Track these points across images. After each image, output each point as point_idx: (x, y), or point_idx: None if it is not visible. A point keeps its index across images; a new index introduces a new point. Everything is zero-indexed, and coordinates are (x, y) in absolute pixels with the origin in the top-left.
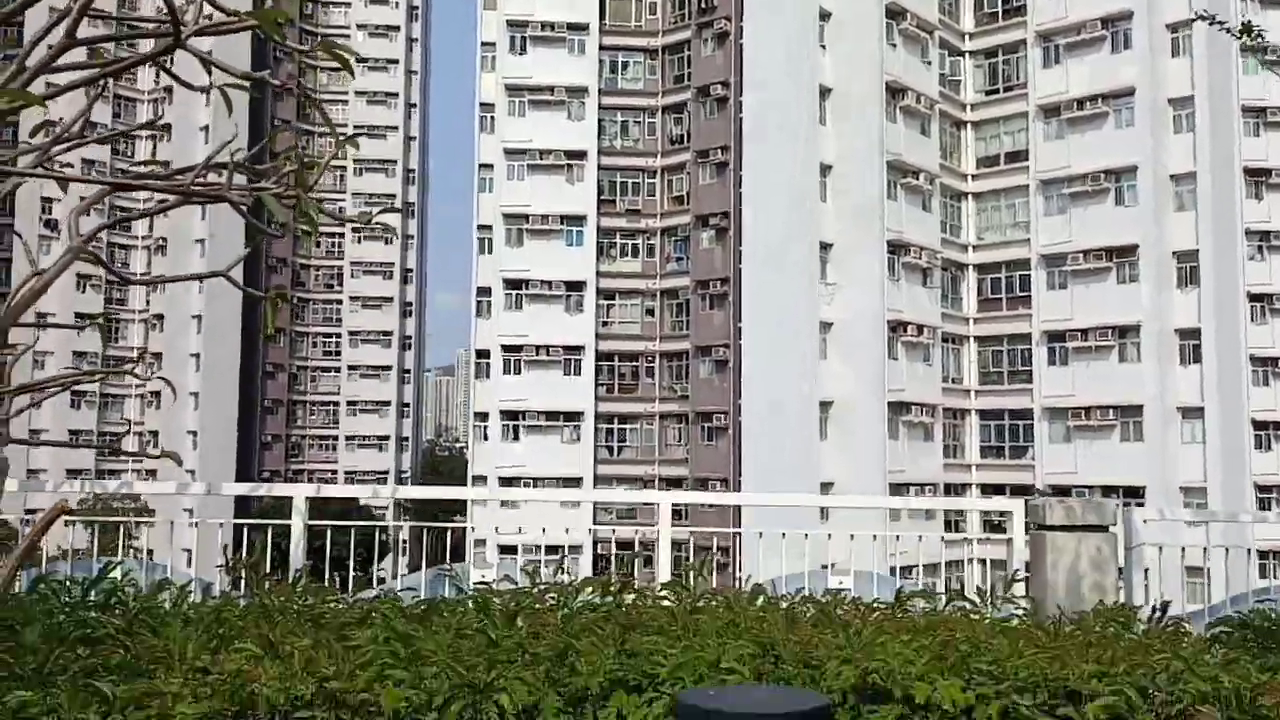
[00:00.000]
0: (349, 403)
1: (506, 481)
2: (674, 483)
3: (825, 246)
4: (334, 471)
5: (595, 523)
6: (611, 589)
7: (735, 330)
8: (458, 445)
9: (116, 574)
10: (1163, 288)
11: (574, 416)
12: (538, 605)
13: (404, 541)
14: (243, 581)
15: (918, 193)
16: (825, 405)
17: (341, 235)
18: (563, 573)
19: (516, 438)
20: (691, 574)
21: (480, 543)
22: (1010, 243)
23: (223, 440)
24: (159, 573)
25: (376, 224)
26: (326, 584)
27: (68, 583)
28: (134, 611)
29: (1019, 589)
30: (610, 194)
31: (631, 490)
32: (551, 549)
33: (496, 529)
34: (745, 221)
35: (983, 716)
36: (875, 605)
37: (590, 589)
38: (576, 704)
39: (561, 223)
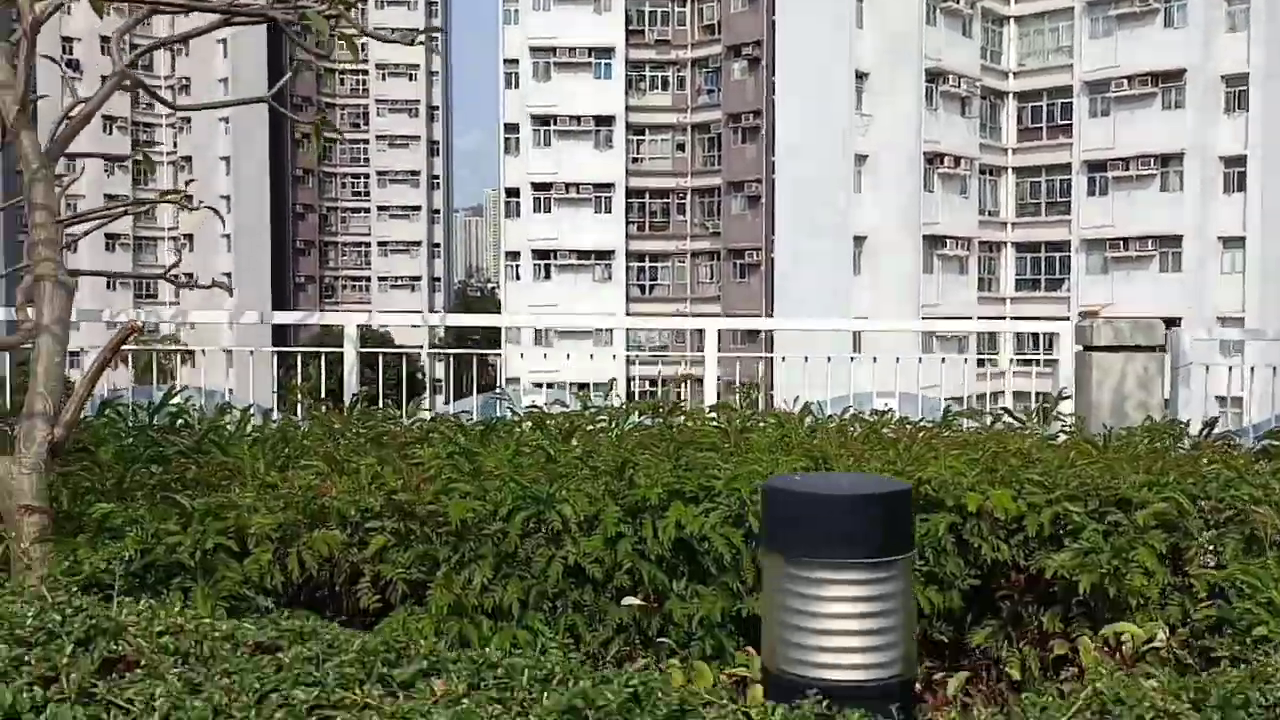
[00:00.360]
0: (380, 243)
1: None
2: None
3: (861, 76)
4: (367, 312)
5: (629, 363)
6: (661, 410)
7: (768, 164)
8: (489, 285)
9: (178, 400)
10: (1209, 113)
11: (605, 255)
12: (590, 426)
13: (437, 381)
14: (299, 407)
15: (957, 16)
16: (859, 240)
17: (366, 73)
18: (610, 398)
19: (548, 277)
20: (739, 396)
21: (513, 381)
22: (1052, 69)
23: (257, 282)
24: (215, 399)
25: (403, 62)
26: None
27: (133, 408)
28: (202, 433)
29: (1066, 407)
30: (639, 24)
31: (677, 317)
32: (583, 387)
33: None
34: (778, 51)
35: (1034, 524)
36: (921, 425)
37: (639, 411)
38: (635, 515)
39: (589, 55)
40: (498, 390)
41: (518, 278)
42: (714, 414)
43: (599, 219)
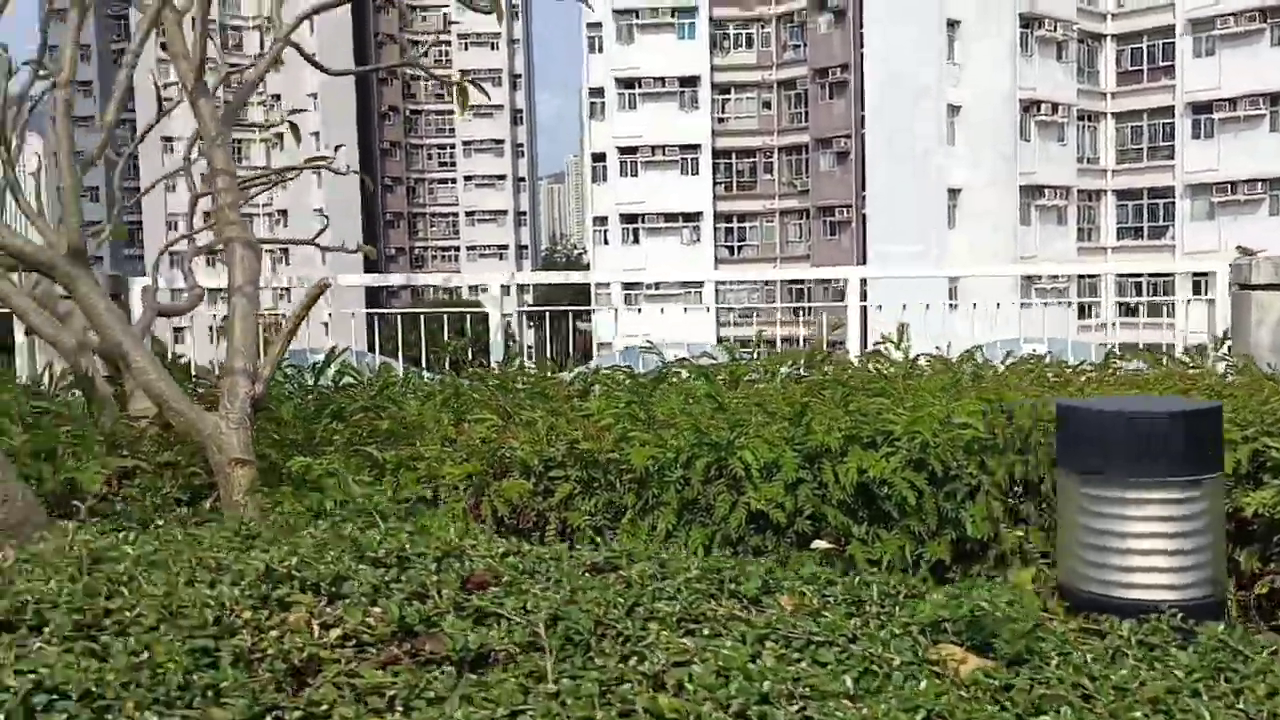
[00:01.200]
0: (467, 213)
1: (628, 285)
2: (794, 280)
3: (952, 24)
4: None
5: (719, 325)
6: (816, 359)
7: (858, 119)
8: (576, 251)
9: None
10: None
11: (693, 217)
12: (748, 376)
13: (529, 347)
14: (448, 364)
15: None
16: (953, 193)
17: (448, 44)
18: (759, 348)
19: (636, 240)
20: (894, 341)
21: (605, 345)
22: (1153, 8)
23: (349, 255)
24: (363, 360)
25: (485, 31)
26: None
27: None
28: (377, 389)
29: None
30: None
31: (821, 268)
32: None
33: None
34: (866, 2)
35: (1231, 461)
36: (1080, 369)
37: (790, 361)
38: (812, 460)
39: (673, 15)
40: (644, 344)
41: (605, 242)
42: (869, 361)
43: (686, 180)
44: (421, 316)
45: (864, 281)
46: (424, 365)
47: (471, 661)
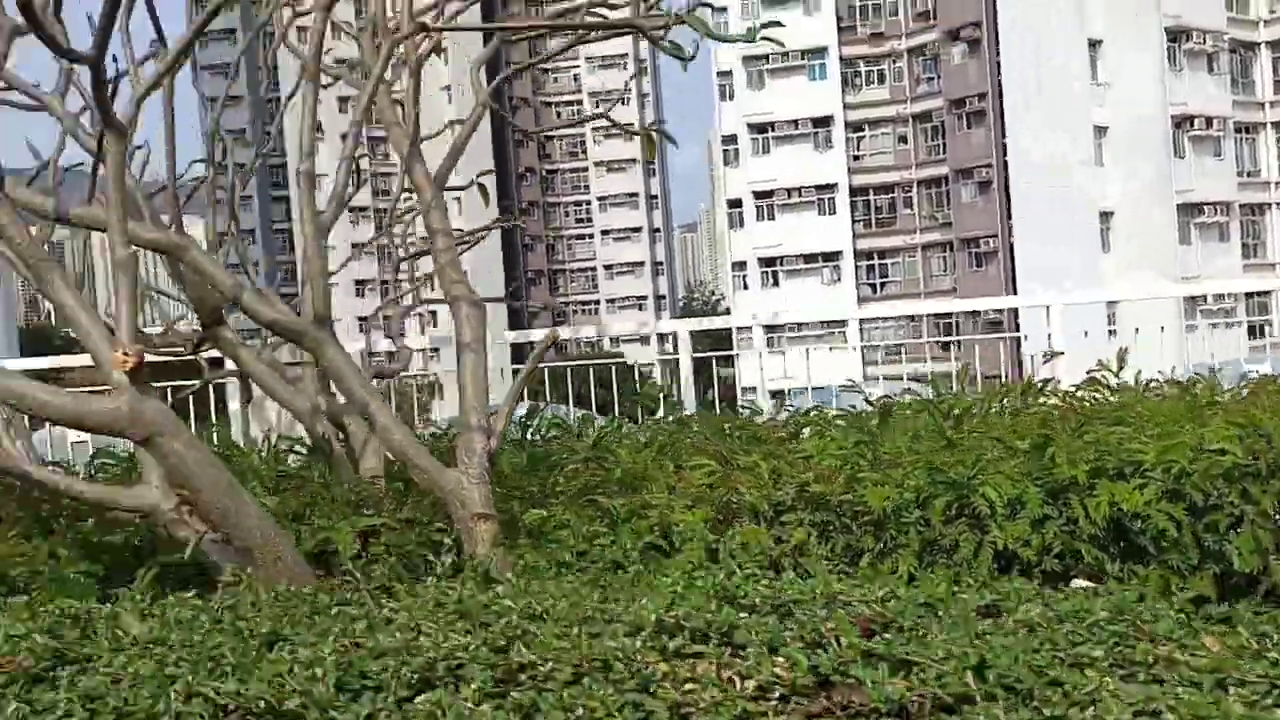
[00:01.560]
0: (605, 266)
1: (770, 329)
2: (942, 314)
3: (1094, 44)
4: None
5: (865, 363)
6: (1030, 389)
7: (999, 147)
8: (714, 298)
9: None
10: None
11: (832, 256)
12: (967, 411)
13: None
14: (639, 415)
15: None
16: (1105, 215)
17: (579, 102)
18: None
19: (776, 283)
20: (1113, 368)
21: (749, 389)
22: None
23: (493, 310)
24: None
25: (615, 88)
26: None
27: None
28: (594, 440)
29: None
30: (850, 20)
31: (1007, 297)
32: (819, 389)
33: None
34: (1001, 28)
35: None
36: None
37: (995, 395)
38: (1056, 495)
39: (803, 57)
40: (848, 382)
41: (745, 287)
42: (1081, 390)
43: (823, 220)
44: (595, 368)
45: (1016, 312)
46: (596, 414)
47: (895, 712)
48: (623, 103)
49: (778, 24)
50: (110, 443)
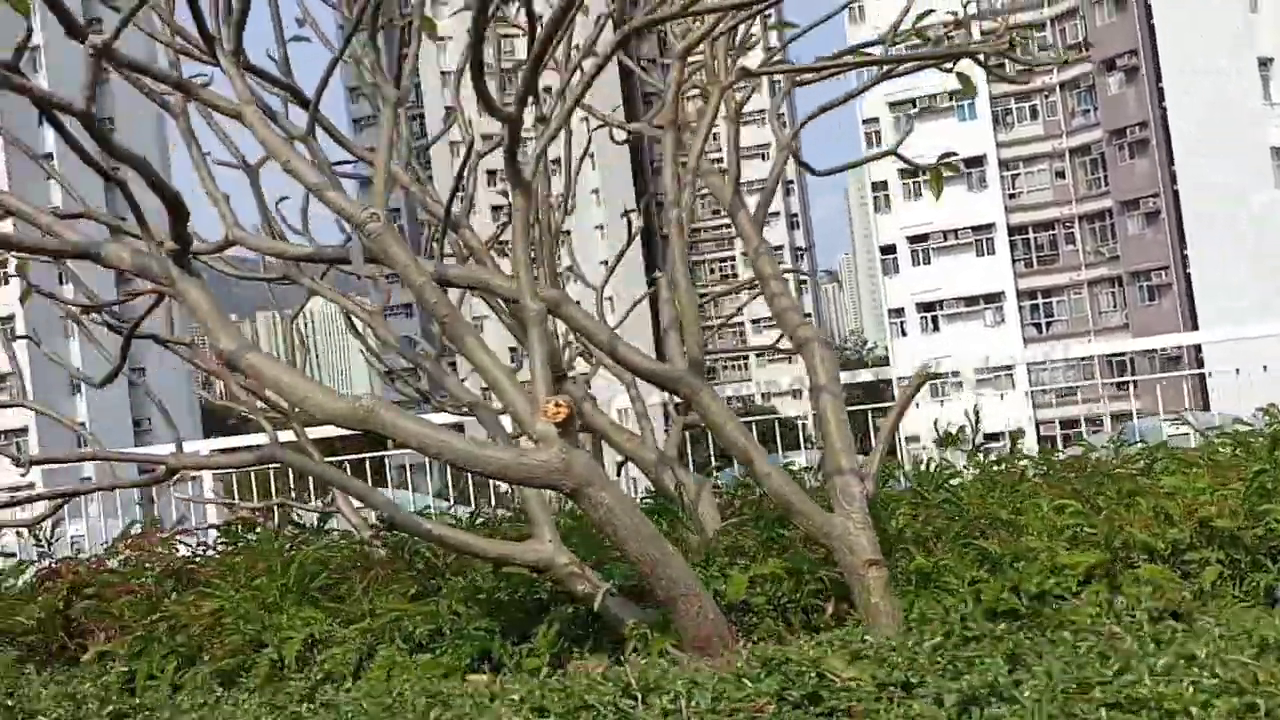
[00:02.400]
0: (752, 321)
1: (933, 375)
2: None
3: (1264, 62)
4: (749, 389)
5: (1034, 406)
6: None
7: (1168, 175)
8: (865, 346)
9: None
10: None
11: (994, 298)
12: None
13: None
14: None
15: None
16: None
17: (722, 171)
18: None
19: (936, 328)
20: None
21: (912, 439)
22: None
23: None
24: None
25: (754, 144)
26: None
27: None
28: (931, 484)
29: None
30: (997, 59)
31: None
32: (990, 436)
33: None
34: (1162, 54)
35: None
36: None
37: None
38: None
39: (950, 98)
40: (1179, 411)
41: (903, 334)
42: None
43: (982, 261)
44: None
45: (1198, 348)
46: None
47: None
48: (762, 158)
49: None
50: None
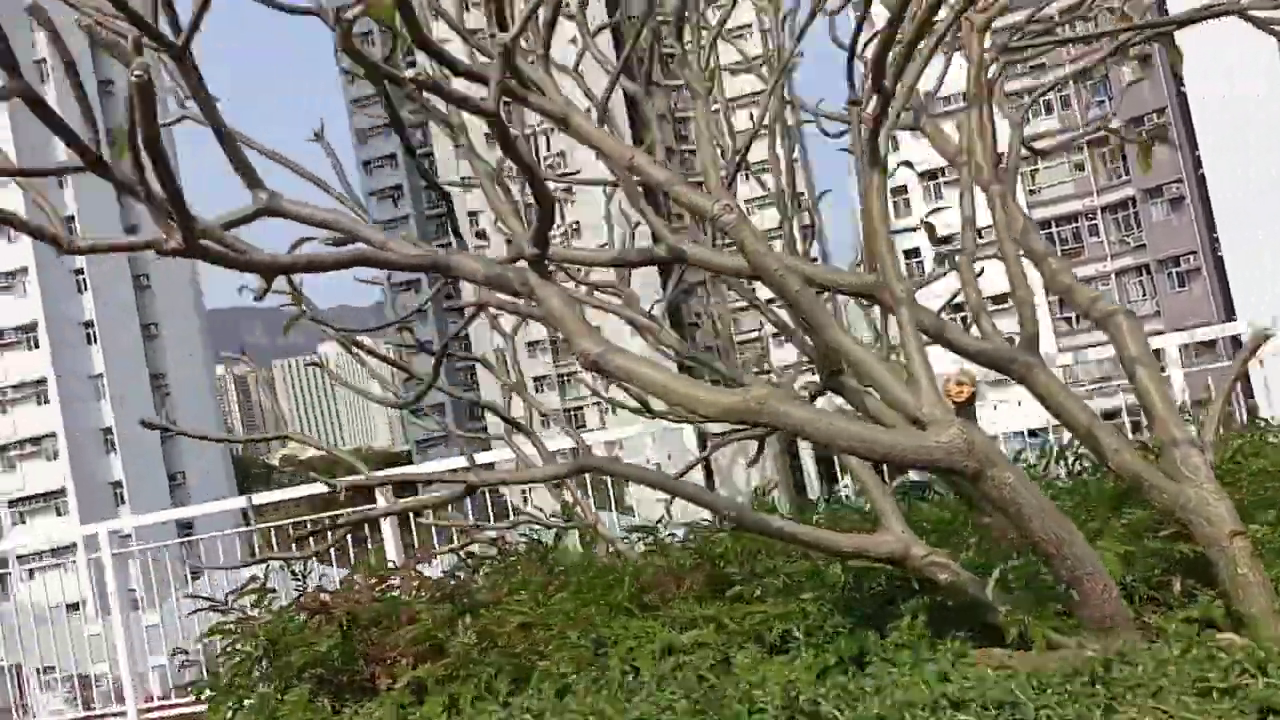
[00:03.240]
0: (774, 335)
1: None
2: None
3: None
4: None
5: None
6: None
7: (1192, 160)
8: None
9: None
10: None
11: None
12: None
13: None
14: None
15: None
16: None
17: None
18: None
19: (966, 329)
20: None
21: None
22: None
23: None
24: None
25: None
26: None
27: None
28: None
29: None
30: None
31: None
32: (1034, 434)
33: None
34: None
35: None
36: None
37: None
38: None
39: (964, 99)
40: None
41: None
42: None
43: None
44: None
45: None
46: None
47: None
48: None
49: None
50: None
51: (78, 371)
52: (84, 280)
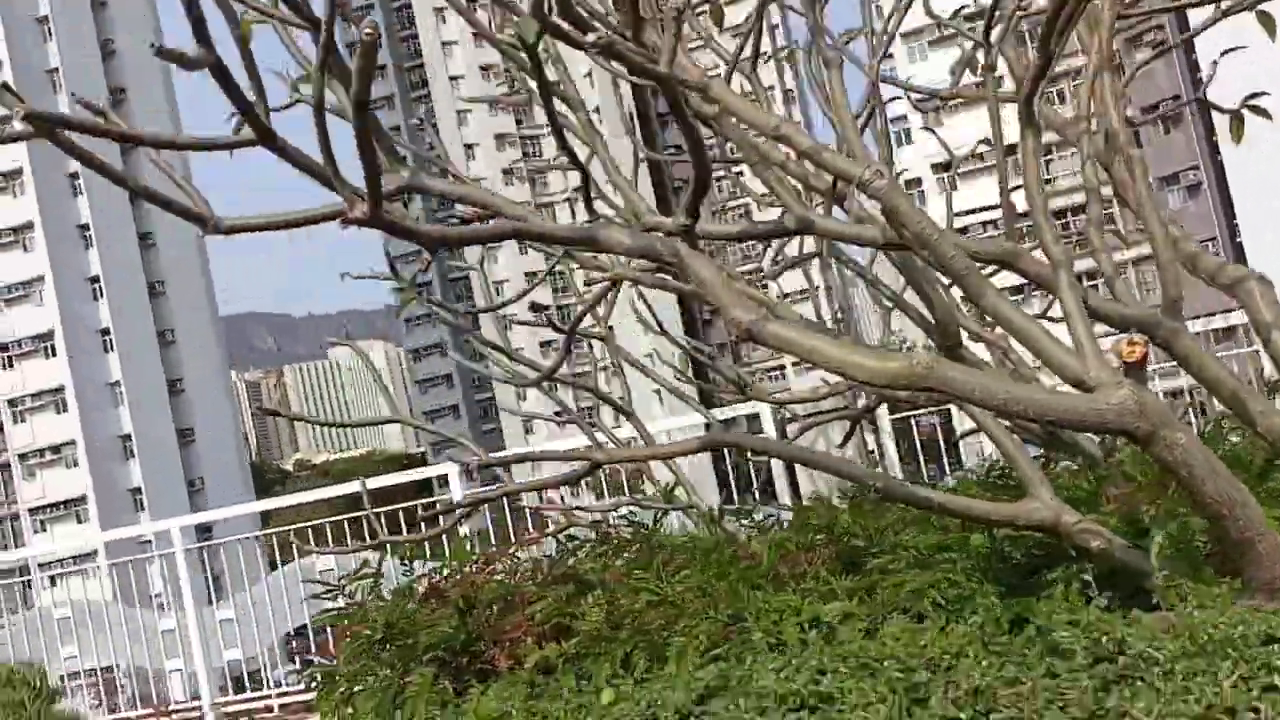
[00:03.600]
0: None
1: None
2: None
3: None
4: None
5: None
6: None
7: (1208, 147)
8: (903, 345)
9: None
10: None
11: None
12: None
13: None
14: None
15: None
16: None
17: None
18: None
19: (984, 319)
20: None
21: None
22: None
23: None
24: None
25: None
26: None
27: None
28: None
29: None
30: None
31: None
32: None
33: None
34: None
35: None
36: None
37: None
38: None
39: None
40: None
41: None
42: None
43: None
44: None
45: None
46: None
47: None
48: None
49: None
50: None
51: (95, 379)
52: (99, 288)
